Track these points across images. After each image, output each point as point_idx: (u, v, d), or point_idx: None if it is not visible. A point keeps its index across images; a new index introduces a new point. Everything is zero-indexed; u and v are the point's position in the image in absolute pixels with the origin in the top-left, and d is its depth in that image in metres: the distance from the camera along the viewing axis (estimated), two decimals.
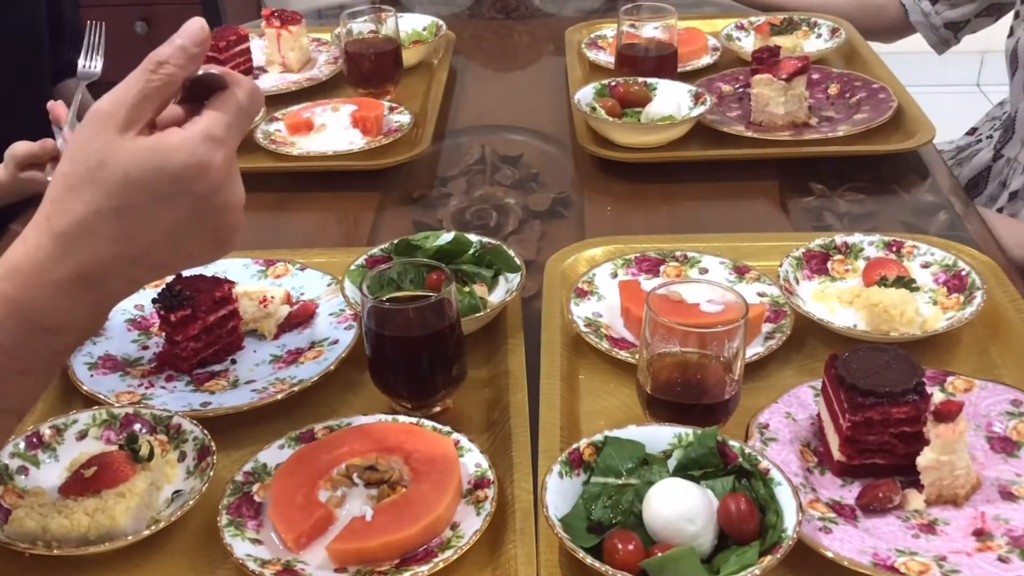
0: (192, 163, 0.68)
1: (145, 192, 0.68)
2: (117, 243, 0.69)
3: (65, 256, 0.68)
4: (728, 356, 0.89)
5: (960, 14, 1.78)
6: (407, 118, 1.52)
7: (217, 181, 0.70)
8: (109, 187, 0.67)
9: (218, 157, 0.69)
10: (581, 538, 0.78)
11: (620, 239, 1.23)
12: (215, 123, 0.70)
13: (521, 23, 2.11)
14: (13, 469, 0.90)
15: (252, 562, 0.80)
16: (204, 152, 0.69)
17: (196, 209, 0.70)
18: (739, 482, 0.82)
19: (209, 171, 0.69)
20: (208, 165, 0.69)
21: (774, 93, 1.45)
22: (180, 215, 0.69)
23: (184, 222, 0.70)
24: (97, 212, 0.68)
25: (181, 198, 0.69)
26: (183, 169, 0.68)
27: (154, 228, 0.69)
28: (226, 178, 0.70)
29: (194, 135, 0.69)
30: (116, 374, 1.04)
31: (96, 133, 0.68)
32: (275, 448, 0.91)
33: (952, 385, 0.96)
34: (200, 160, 0.69)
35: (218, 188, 0.70)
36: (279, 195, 1.43)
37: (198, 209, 0.70)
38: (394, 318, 0.95)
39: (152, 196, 0.68)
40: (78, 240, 0.68)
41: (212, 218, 0.71)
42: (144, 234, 0.69)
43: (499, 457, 0.91)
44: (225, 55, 1.70)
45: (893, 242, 1.16)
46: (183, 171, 0.68)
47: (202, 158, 0.69)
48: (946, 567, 0.78)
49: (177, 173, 0.68)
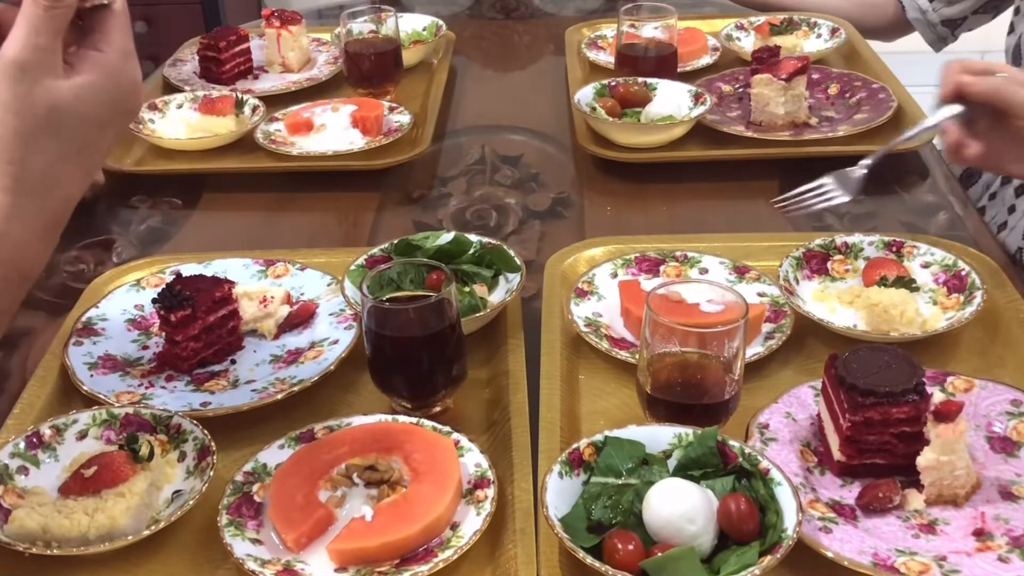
0: (127, 85, 0.74)
1: (101, 123, 0.73)
2: (83, 175, 0.74)
3: (41, 211, 0.72)
4: (728, 356, 0.89)
5: (957, 11, 1.78)
6: (407, 118, 1.52)
7: (138, 90, 0.76)
8: (68, 131, 0.71)
9: (137, 70, 0.75)
10: (581, 538, 0.78)
11: (620, 239, 1.23)
12: (122, 37, 0.74)
13: (521, 23, 2.11)
14: (13, 469, 0.90)
15: (252, 562, 0.80)
16: (131, 70, 0.75)
17: (128, 118, 0.77)
18: (739, 482, 0.82)
19: (140, 85, 0.76)
20: (137, 80, 0.75)
21: (774, 93, 1.45)
22: (121, 126, 0.76)
23: (119, 131, 0.77)
24: (61, 158, 0.72)
25: (125, 115, 0.76)
26: (126, 94, 0.74)
27: (105, 145, 0.76)
28: (139, 80, 0.76)
29: (115, 58, 0.73)
30: (116, 374, 1.04)
31: (32, 84, 0.70)
32: (275, 448, 0.91)
33: (952, 385, 0.96)
34: (133, 79, 0.75)
35: (139, 97, 0.77)
36: (279, 195, 1.43)
37: (129, 117, 0.78)
38: (394, 318, 0.95)
39: (104, 124, 0.74)
40: (47, 189, 0.71)
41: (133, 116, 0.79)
42: (100, 155, 0.76)
43: (499, 457, 0.91)
44: (225, 55, 1.70)
45: (893, 242, 1.16)
46: (126, 95, 0.74)
47: (133, 76, 0.75)
48: (946, 567, 0.78)
49: (122, 99, 0.74)
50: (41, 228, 0.72)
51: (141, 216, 1.40)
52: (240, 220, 1.41)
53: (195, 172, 1.47)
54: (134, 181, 1.46)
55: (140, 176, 1.46)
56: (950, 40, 1.84)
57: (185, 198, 1.43)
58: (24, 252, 0.72)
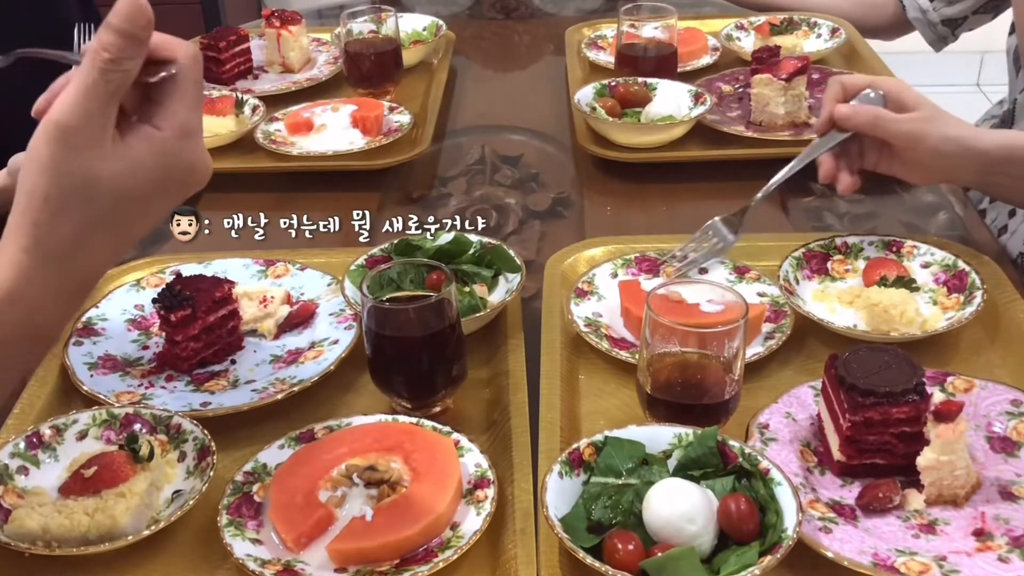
0: (181, 166, 0.69)
1: (144, 201, 0.69)
2: (113, 247, 0.70)
3: (60, 276, 0.68)
4: (728, 356, 0.89)
5: (957, 11, 1.78)
6: (407, 118, 1.52)
7: (196, 171, 0.71)
8: (101, 202, 0.67)
9: (198, 149, 0.70)
10: (581, 538, 0.78)
11: (620, 239, 1.23)
12: (184, 115, 0.69)
13: (521, 23, 2.11)
14: (13, 469, 0.90)
15: (252, 562, 0.80)
16: (188, 151, 0.70)
17: (182, 195, 0.72)
18: (739, 482, 0.82)
19: (197, 166, 0.71)
20: (193, 162, 0.70)
21: (774, 93, 1.45)
22: (171, 204, 0.72)
23: (168, 206, 0.72)
24: (91, 228, 0.67)
25: (177, 195, 0.71)
26: (177, 174, 0.69)
27: (148, 222, 0.71)
28: (203, 159, 0.72)
29: (171, 136, 0.68)
30: (116, 374, 1.04)
31: (71, 150, 0.65)
32: (275, 448, 0.91)
33: (952, 385, 0.96)
34: (189, 161, 0.70)
35: (198, 175, 0.72)
36: (279, 195, 1.43)
37: (183, 194, 0.72)
38: (394, 318, 0.95)
39: (144, 200, 0.69)
40: (72, 257, 0.68)
41: (189, 193, 0.73)
42: (140, 230, 0.71)
43: (499, 457, 0.91)
44: (225, 55, 1.70)
45: (893, 242, 1.16)
46: (178, 176, 0.69)
47: (189, 158, 0.70)
48: (946, 567, 0.78)
49: (172, 179, 0.69)
50: (60, 293, 0.68)
51: None
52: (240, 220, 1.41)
53: None
54: None
55: None
56: (951, 40, 1.84)
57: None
58: (40, 315, 0.68)
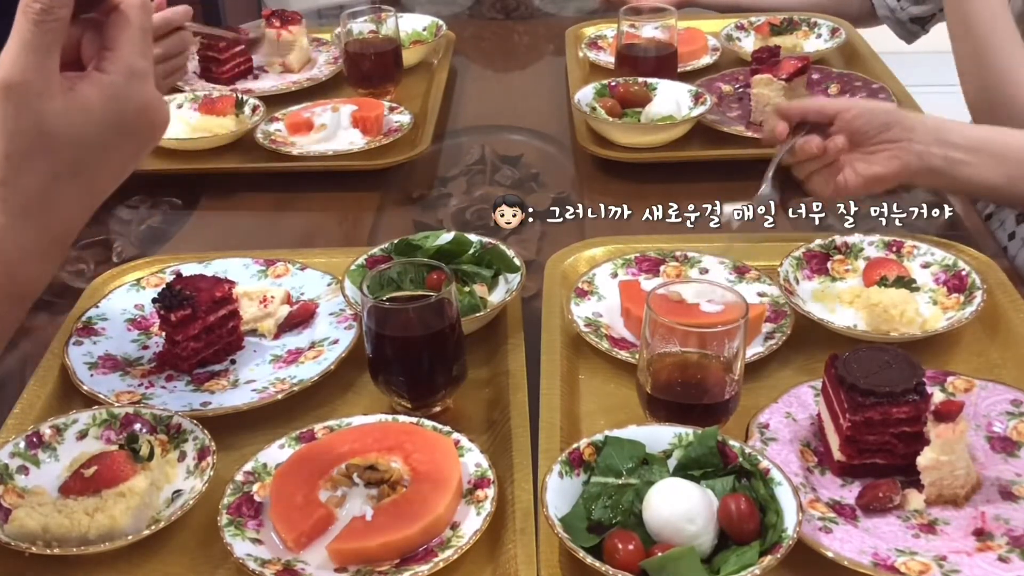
0: (132, 108, 0.70)
1: (102, 147, 0.70)
2: (80, 198, 0.71)
3: (36, 230, 0.69)
4: (728, 356, 0.89)
5: (923, 11, 1.80)
6: (407, 118, 1.52)
7: (150, 112, 0.72)
8: (61, 153, 0.68)
9: (147, 91, 0.71)
10: (581, 538, 0.78)
11: (620, 239, 1.22)
12: (130, 57, 0.70)
13: (521, 23, 2.11)
14: (13, 469, 0.90)
15: (252, 562, 0.80)
16: (138, 92, 0.70)
17: (142, 141, 0.73)
18: (739, 482, 0.82)
19: (150, 107, 0.71)
20: (145, 103, 0.71)
21: (774, 93, 1.45)
22: (131, 148, 0.72)
23: (130, 153, 0.73)
24: (56, 177, 0.69)
25: (135, 138, 0.72)
26: (130, 116, 0.70)
27: (113, 168, 0.72)
28: (156, 102, 0.72)
29: (119, 79, 0.69)
30: (116, 374, 1.04)
31: (19, 106, 0.66)
32: (275, 448, 0.91)
33: (952, 385, 0.96)
34: (140, 102, 0.70)
35: (153, 118, 0.72)
36: (279, 195, 1.43)
37: (143, 140, 0.73)
38: (394, 318, 0.95)
39: (103, 147, 0.70)
40: (42, 210, 0.69)
41: (153, 143, 0.75)
42: (108, 177, 0.72)
43: (499, 457, 0.91)
44: (225, 55, 1.70)
45: (893, 242, 1.16)
46: (131, 118, 0.70)
47: (139, 99, 0.70)
48: (946, 567, 0.78)
49: (126, 122, 0.70)
50: (37, 248, 0.70)
51: (141, 216, 1.40)
52: (240, 220, 1.41)
53: (195, 172, 1.47)
54: (134, 181, 1.44)
55: (140, 176, 1.45)
56: (921, 34, 1.86)
57: (185, 198, 1.43)
58: (20, 271, 0.70)
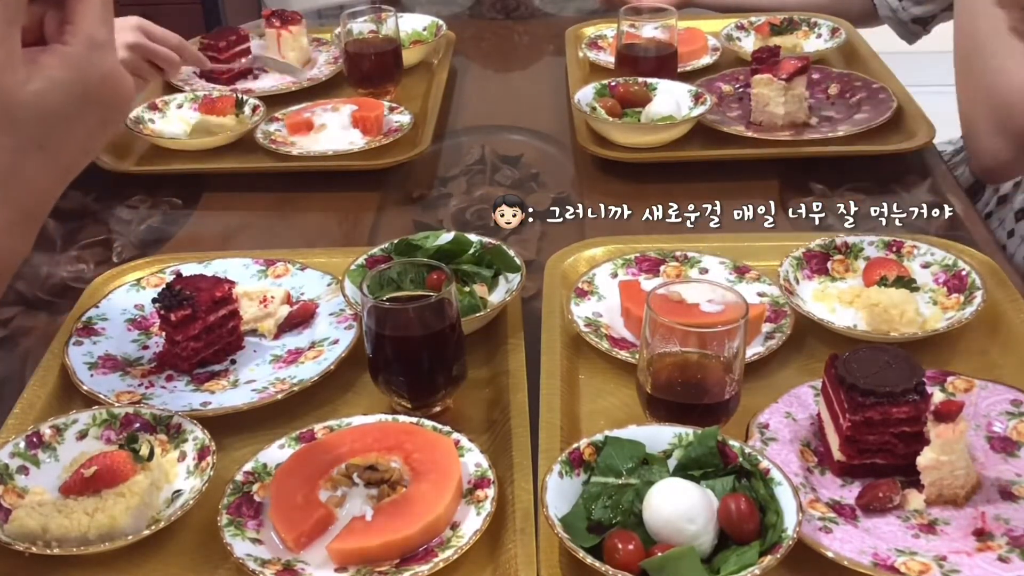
0: (95, 78, 0.69)
1: (66, 119, 0.69)
2: (47, 172, 0.70)
3: (4, 205, 0.69)
4: (728, 356, 0.89)
5: (925, 11, 1.80)
6: (407, 118, 1.52)
7: (112, 81, 0.71)
8: (26, 127, 0.68)
9: (108, 62, 0.70)
10: (581, 538, 0.78)
11: (620, 239, 1.22)
12: (90, 28, 0.69)
13: (521, 23, 2.11)
14: (13, 469, 0.90)
15: (252, 562, 0.80)
16: (99, 61, 0.69)
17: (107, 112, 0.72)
18: (739, 482, 0.82)
19: (112, 76, 0.70)
20: (107, 72, 0.70)
21: (774, 93, 1.45)
22: (95, 119, 0.71)
23: (95, 125, 0.72)
24: (23, 151, 0.68)
25: (99, 108, 0.71)
26: (93, 87, 0.69)
27: (79, 140, 0.71)
28: (118, 71, 0.71)
29: (80, 49, 0.69)
30: (116, 374, 1.04)
31: None
32: (275, 448, 0.91)
33: (952, 385, 0.96)
34: (101, 71, 0.70)
35: (116, 87, 0.71)
36: (279, 195, 1.43)
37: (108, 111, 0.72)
38: (394, 318, 0.95)
39: (67, 119, 0.69)
40: (9, 185, 0.68)
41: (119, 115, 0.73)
42: (74, 150, 0.71)
43: (499, 457, 0.91)
44: (225, 55, 1.70)
45: (893, 242, 1.16)
46: (94, 89, 0.70)
47: (101, 68, 0.70)
48: (946, 567, 0.78)
49: (89, 92, 0.69)
50: (7, 223, 0.69)
51: (141, 216, 1.39)
52: (240, 220, 1.41)
53: (195, 172, 1.47)
54: (134, 181, 1.45)
55: (140, 176, 1.46)
56: (923, 34, 1.86)
57: (185, 198, 1.43)
58: None
